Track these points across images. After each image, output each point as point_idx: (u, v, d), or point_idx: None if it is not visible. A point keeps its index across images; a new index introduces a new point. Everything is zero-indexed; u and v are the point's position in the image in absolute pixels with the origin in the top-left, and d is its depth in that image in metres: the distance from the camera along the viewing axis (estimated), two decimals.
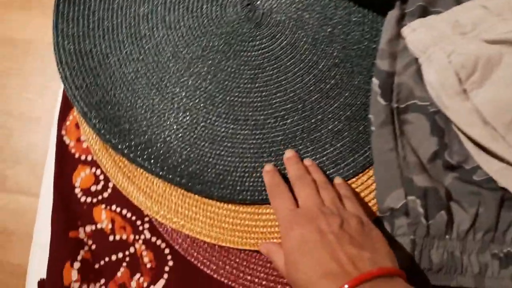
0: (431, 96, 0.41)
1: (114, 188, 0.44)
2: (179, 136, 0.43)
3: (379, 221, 0.41)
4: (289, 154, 0.42)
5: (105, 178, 0.45)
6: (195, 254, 0.42)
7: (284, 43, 0.46)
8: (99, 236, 0.43)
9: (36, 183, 1.09)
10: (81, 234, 0.43)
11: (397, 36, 0.43)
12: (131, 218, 0.43)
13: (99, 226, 0.43)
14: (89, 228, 0.43)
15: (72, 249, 0.42)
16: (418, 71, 0.42)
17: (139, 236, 0.43)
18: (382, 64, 0.42)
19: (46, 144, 0.49)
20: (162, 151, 0.43)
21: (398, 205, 0.39)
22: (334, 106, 0.45)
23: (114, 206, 0.44)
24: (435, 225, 0.39)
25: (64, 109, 0.47)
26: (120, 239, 0.43)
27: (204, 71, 0.45)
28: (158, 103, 0.44)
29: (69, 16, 0.45)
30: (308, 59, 0.46)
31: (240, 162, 0.43)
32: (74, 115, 0.47)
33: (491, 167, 0.40)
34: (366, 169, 0.43)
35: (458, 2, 0.44)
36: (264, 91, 0.45)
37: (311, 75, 0.45)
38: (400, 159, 0.40)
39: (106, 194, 0.44)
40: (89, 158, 0.45)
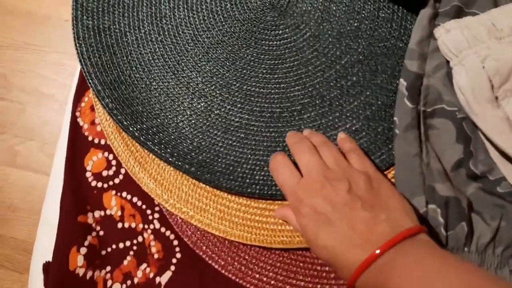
0: (460, 101, 0.40)
1: (125, 175, 0.43)
2: (192, 123, 0.42)
3: None
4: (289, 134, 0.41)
5: (117, 163, 0.44)
6: (204, 248, 0.41)
7: (308, 34, 0.44)
8: (107, 222, 0.42)
9: (46, 161, 1.10)
10: (89, 219, 0.42)
11: (428, 37, 0.42)
12: (141, 206, 0.43)
13: (108, 213, 0.43)
14: (98, 214, 0.43)
15: (80, 234, 0.41)
16: (448, 74, 0.41)
17: (148, 226, 0.42)
18: (411, 65, 0.41)
19: (58, 122, 0.48)
20: (173, 136, 0.42)
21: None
22: (353, 105, 0.43)
23: (124, 193, 0.43)
24: (454, 236, 0.38)
25: (80, 90, 0.46)
26: (129, 227, 0.42)
27: (223, 57, 0.44)
28: (173, 87, 0.43)
29: None
30: (331, 53, 0.44)
31: (252, 154, 0.42)
32: (89, 96, 0.46)
33: None
34: (382, 172, 0.42)
35: (496, 4, 0.42)
36: (282, 83, 0.43)
37: (333, 70, 0.44)
38: (424, 166, 0.39)
39: (117, 180, 0.43)
40: (102, 142, 0.44)
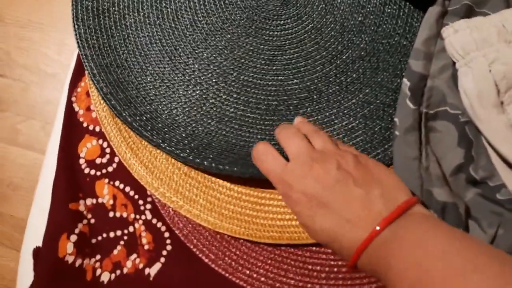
0: (464, 104, 0.38)
1: (119, 164, 0.43)
2: (186, 110, 0.41)
3: None
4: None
5: (111, 151, 0.43)
6: (195, 241, 0.41)
7: (310, 26, 0.43)
8: (99, 211, 0.42)
9: (47, 141, 1.10)
10: (81, 207, 0.42)
11: (435, 36, 0.40)
12: (133, 196, 0.42)
13: (100, 201, 0.42)
14: (90, 202, 0.42)
15: (71, 221, 0.41)
16: (453, 76, 0.39)
17: (140, 216, 0.42)
18: (416, 65, 0.39)
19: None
20: (166, 123, 0.41)
21: None
22: (351, 102, 0.42)
23: (117, 182, 0.42)
24: None
25: (76, 75, 0.45)
26: (120, 217, 0.42)
27: (221, 45, 0.43)
28: (169, 73, 0.42)
29: None
30: (332, 47, 0.43)
31: (246, 145, 0.41)
32: (85, 82, 0.45)
33: None
34: None
35: (508, 4, 0.40)
36: (280, 75, 0.42)
37: (333, 65, 0.43)
38: (422, 170, 0.38)
39: (110, 169, 0.43)
40: (97, 129, 0.44)
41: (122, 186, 0.42)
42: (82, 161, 0.43)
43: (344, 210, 0.31)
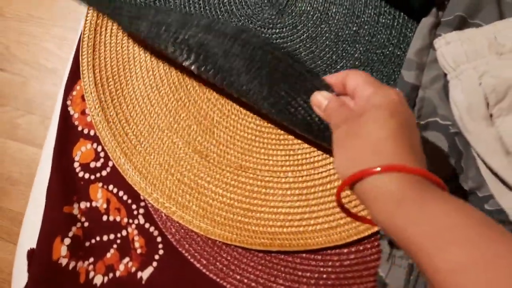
0: (454, 116, 0.39)
1: (113, 168, 0.43)
2: None
3: (380, 238, 0.39)
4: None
5: (105, 156, 0.43)
6: (187, 246, 0.41)
7: (305, 35, 0.43)
8: (93, 214, 0.43)
9: (45, 136, 1.10)
10: (75, 210, 0.42)
11: (427, 46, 0.41)
12: (127, 201, 0.42)
13: (94, 204, 0.43)
14: (83, 205, 0.43)
15: (65, 224, 0.42)
16: (445, 87, 0.40)
17: (133, 221, 0.42)
18: (408, 75, 0.40)
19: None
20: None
21: None
22: None
23: (111, 186, 0.43)
24: None
25: (72, 79, 0.45)
26: (114, 221, 0.42)
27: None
28: None
29: None
30: (327, 56, 0.43)
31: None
32: (81, 85, 0.45)
33: (505, 200, 0.38)
34: None
35: (501, 16, 0.40)
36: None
37: (328, 75, 0.43)
38: None
39: (104, 173, 0.43)
40: (91, 133, 0.44)
41: (115, 191, 0.43)
42: (76, 164, 0.44)
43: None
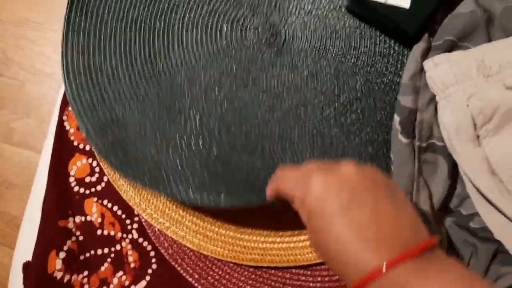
0: (443, 137, 0.40)
1: (108, 183, 0.44)
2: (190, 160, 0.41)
3: None
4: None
5: (100, 171, 0.44)
6: (179, 261, 0.42)
7: (306, 72, 0.43)
8: (87, 228, 0.43)
9: (41, 139, 1.11)
10: (70, 224, 0.43)
11: (420, 71, 0.41)
12: (121, 215, 0.43)
13: (88, 219, 0.43)
14: (78, 219, 0.44)
15: (60, 238, 0.42)
16: (437, 109, 0.40)
17: (127, 235, 0.43)
18: (404, 100, 0.40)
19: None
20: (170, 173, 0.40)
21: None
22: (355, 142, 0.42)
23: (106, 201, 0.44)
24: None
25: None
26: (108, 235, 0.43)
27: (220, 97, 0.42)
28: (169, 126, 0.41)
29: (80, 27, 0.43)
30: (329, 91, 0.43)
31: None
32: None
33: (490, 219, 0.39)
34: None
35: (489, 38, 0.41)
36: (282, 124, 0.42)
37: (332, 108, 0.43)
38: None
39: (99, 188, 0.44)
40: (87, 148, 0.45)
41: (110, 205, 0.44)
42: (72, 179, 0.44)
43: (373, 223, 0.27)
